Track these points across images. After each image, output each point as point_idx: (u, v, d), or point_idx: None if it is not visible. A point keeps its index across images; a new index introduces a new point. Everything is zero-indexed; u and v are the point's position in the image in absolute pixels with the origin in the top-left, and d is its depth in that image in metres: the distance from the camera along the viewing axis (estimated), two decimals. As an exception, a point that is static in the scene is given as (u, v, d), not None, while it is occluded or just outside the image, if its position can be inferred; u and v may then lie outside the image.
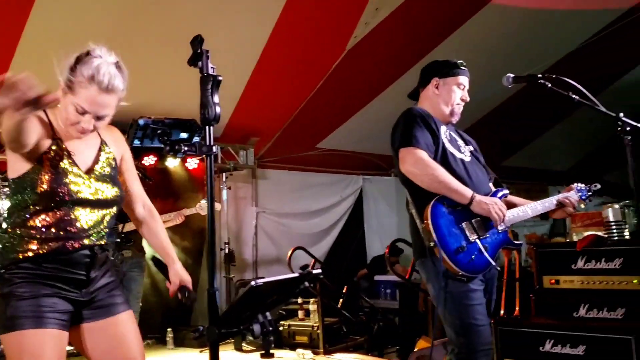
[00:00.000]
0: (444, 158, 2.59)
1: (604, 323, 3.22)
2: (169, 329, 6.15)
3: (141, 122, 1.71)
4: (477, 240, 2.47)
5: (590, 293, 3.37)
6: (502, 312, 3.84)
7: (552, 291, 3.60)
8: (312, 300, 5.53)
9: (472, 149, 2.82)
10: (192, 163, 6.57)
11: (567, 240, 4.52)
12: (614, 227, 3.61)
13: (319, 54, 5.96)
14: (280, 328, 5.63)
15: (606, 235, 3.62)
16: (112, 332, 2.08)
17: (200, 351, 5.77)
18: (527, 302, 3.87)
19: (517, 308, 3.83)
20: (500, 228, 2.55)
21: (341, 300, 5.56)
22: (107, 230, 2.13)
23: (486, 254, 2.46)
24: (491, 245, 2.52)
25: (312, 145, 7.30)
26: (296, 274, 1.80)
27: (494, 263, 2.49)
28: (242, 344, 5.52)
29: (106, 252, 2.14)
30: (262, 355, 1.76)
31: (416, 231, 2.59)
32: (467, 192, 2.47)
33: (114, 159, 2.18)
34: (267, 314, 1.79)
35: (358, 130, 7.05)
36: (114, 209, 2.14)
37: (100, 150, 2.14)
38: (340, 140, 7.14)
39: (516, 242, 2.68)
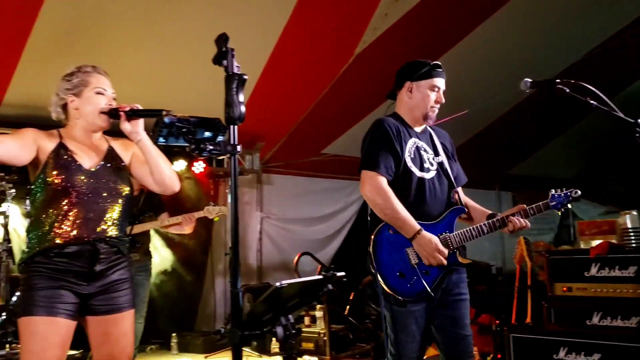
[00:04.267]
0: (404, 178, 2.63)
1: (618, 331, 3.19)
2: (174, 334, 6.11)
3: (166, 120, 1.69)
4: (417, 266, 2.56)
5: (604, 301, 3.35)
6: (513, 319, 3.81)
7: (565, 299, 3.57)
8: (318, 306, 5.50)
9: (440, 159, 2.77)
10: (199, 167, 6.54)
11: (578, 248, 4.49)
12: (632, 234, 3.56)
13: (327, 59, 5.95)
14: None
15: (622, 243, 3.58)
16: (104, 329, 2.25)
17: (205, 357, 5.73)
18: (538, 310, 3.84)
19: (529, 315, 3.81)
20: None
21: (348, 307, 5.52)
22: (114, 225, 2.27)
23: (423, 280, 2.54)
24: (433, 269, 2.57)
25: (318, 150, 7.27)
26: (319, 276, 1.77)
27: (429, 289, 2.54)
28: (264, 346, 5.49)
29: (114, 248, 2.27)
30: (285, 359, 1.73)
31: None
32: (412, 229, 2.53)
33: (122, 160, 2.39)
34: (290, 316, 1.76)
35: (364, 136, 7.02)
36: (119, 204, 2.31)
37: (107, 153, 2.36)
38: (346, 146, 7.10)
39: (463, 262, 2.65)
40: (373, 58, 5.96)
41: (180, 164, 6.38)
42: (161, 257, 6.58)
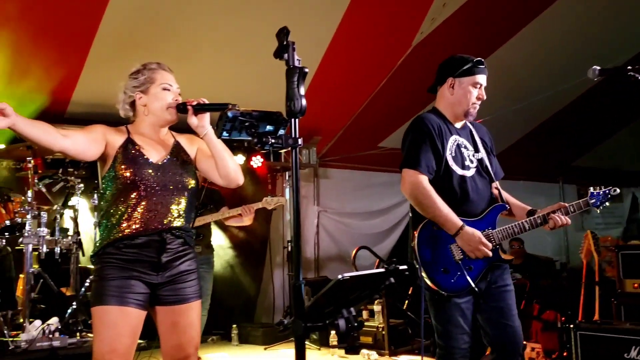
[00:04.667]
0: (446, 177, 2.65)
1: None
2: (234, 326, 6.23)
3: (230, 114, 1.71)
4: (460, 262, 2.59)
5: (678, 298, 3.19)
6: (580, 316, 3.68)
7: (636, 295, 3.43)
8: (376, 300, 5.48)
9: (480, 156, 2.78)
10: (257, 161, 6.64)
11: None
12: None
13: (383, 51, 5.90)
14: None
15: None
16: (172, 319, 2.31)
17: (265, 348, 5.81)
18: (606, 307, 3.71)
19: (596, 312, 3.67)
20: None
21: (406, 301, 5.48)
22: (180, 217, 2.34)
23: (467, 275, 2.57)
24: (478, 264, 2.60)
25: (375, 144, 7.23)
26: (382, 269, 1.76)
27: (473, 284, 2.57)
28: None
29: (181, 239, 2.33)
30: (347, 351, 1.73)
31: None
32: (454, 226, 2.56)
33: (187, 154, 2.46)
34: (352, 309, 1.75)
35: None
36: (185, 197, 2.37)
37: (173, 148, 2.43)
38: (403, 140, 7.04)
39: (506, 258, 2.68)
40: (431, 49, 5.86)
41: (239, 159, 6.48)
42: (221, 249, 6.72)
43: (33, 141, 2.07)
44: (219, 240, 6.65)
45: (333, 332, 5.37)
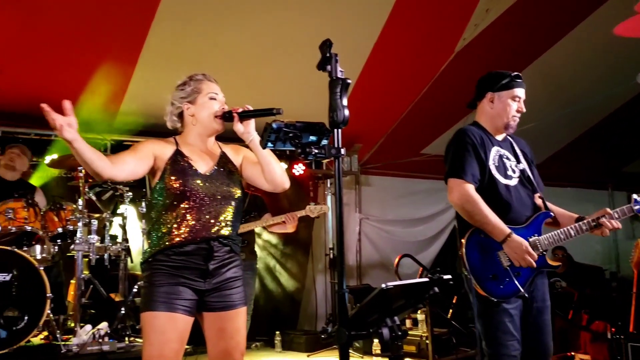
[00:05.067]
0: (490, 186, 2.72)
1: None
2: (277, 332, 6.28)
3: (275, 125, 1.75)
4: (509, 268, 2.65)
5: None
6: (631, 327, 3.57)
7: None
8: (420, 309, 5.43)
9: (522, 166, 2.86)
10: (299, 169, 6.70)
11: None
12: None
13: (426, 58, 5.88)
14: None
15: None
16: (219, 325, 2.36)
17: (308, 355, 5.83)
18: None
19: (649, 324, 3.56)
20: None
21: (451, 310, 5.41)
22: (227, 225, 2.40)
23: (515, 281, 2.62)
24: (526, 270, 2.65)
25: (417, 150, 7.18)
26: (426, 279, 1.76)
27: (522, 290, 2.63)
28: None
29: (228, 247, 2.39)
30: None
31: None
32: (502, 233, 2.63)
33: (233, 164, 2.52)
34: (395, 318, 1.76)
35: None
36: (232, 206, 2.43)
37: (220, 158, 2.50)
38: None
39: (552, 264, 2.73)
40: (474, 56, 5.81)
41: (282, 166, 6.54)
42: (264, 256, 6.79)
43: (85, 163, 2.12)
44: (262, 247, 6.72)
45: (376, 341, 5.35)
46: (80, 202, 4.62)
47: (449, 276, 1.79)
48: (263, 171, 2.42)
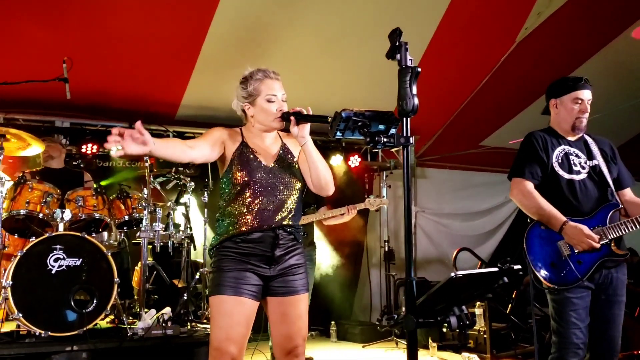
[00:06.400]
0: (552, 181, 2.89)
1: None
2: (332, 322, 6.33)
3: (344, 114, 1.77)
4: (569, 257, 2.77)
5: None
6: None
7: None
8: (477, 304, 5.36)
9: (595, 163, 2.96)
10: (354, 161, 6.70)
11: None
12: None
13: (486, 48, 5.77)
14: (444, 329, 5.53)
15: None
16: (282, 309, 2.44)
17: (363, 346, 5.86)
18: None
19: None
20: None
21: (510, 305, 5.32)
22: (290, 214, 2.48)
23: (575, 270, 2.73)
24: (587, 258, 2.75)
25: (476, 142, 7.07)
26: (495, 269, 1.75)
27: (580, 277, 2.71)
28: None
29: (291, 235, 2.49)
30: (458, 347, 1.73)
31: None
32: (558, 222, 2.77)
33: (293, 156, 2.61)
34: (464, 307, 1.75)
35: (526, 127, 6.67)
36: (295, 196, 2.53)
37: (281, 150, 2.59)
38: (508, 138, 6.81)
39: (618, 252, 2.77)
40: (536, 45, 5.67)
41: (337, 159, 6.58)
42: (320, 247, 6.83)
43: (166, 159, 2.27)
44: (318, 238, 6.77)
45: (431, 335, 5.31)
46: (145, 190, 4.77)
47: (518, 266, 1.77)
48: (310, 174, 2.49)
